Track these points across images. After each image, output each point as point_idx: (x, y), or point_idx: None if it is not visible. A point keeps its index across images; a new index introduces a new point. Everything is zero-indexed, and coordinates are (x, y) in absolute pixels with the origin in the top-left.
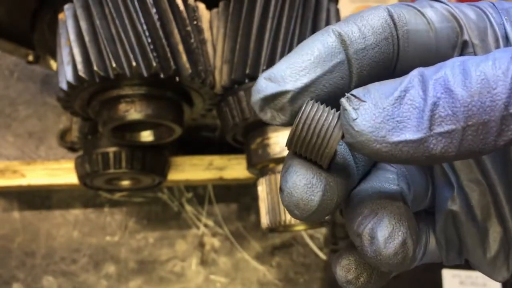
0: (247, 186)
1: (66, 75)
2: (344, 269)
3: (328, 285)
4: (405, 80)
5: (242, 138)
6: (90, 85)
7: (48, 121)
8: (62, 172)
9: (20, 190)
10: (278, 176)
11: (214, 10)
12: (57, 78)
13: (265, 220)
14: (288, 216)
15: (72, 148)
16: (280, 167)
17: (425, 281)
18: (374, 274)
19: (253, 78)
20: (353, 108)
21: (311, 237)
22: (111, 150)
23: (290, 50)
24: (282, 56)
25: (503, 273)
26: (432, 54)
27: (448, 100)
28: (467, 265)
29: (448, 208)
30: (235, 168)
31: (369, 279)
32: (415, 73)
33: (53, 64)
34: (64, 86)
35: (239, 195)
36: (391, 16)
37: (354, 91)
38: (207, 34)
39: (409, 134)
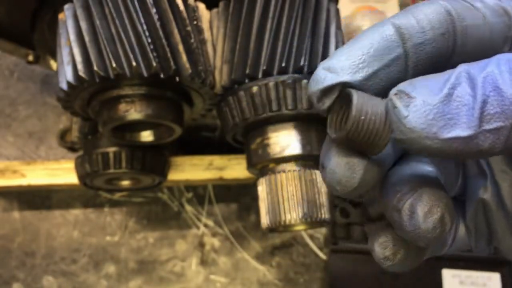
0: (247, 186)
1: (66, 75)
2: (382, 246)
3: (328, 285)
4: (452, 77)
5: (242, 138)
6: (90, 85)
7: (48, 121)
8: (62, 172)
9: (20, 190)
10: (278, 176)
11: (214, 10)
12: (57, 78)
13: (265, 220)
14: (288, 216)
15: (72, 148)
16: (280, 167)
17: (425, 280)
18: (411, 252)
19: (253, 78)
20: (404, 105)
21: (311, 237)
22: (111, 150)
23: (290, 50)
24: (282, 56)
25: None
26: (487, 49)
27: (497, 98)
28: (466, 265)
29: (480, 197)
30: (235, 168)
31: (405, 256)
32: (460, 69)
33: (53, 64)
34: (64, 86)
35: (239, 195)
36: (449, 12)
37: (401, 87)
38: (207, 34)
39: (460, 131)
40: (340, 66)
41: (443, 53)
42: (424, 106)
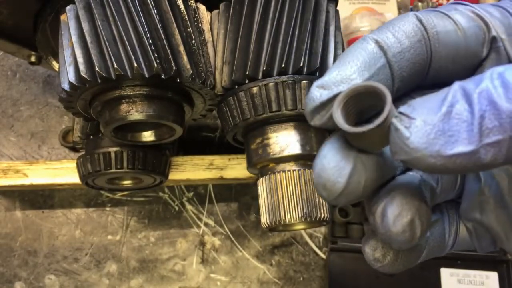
0: (247, 186)
1: (68, 76)
2: (372, 248)
3: (327, 284)
4: (448, 95)
5: (242, 138)
6: (92, 85)
7: (51, 121)
8: (64, 172)
9: (23, 190)
10: (278, 175)
11: (215, 12)
12: (59, 79)
13: (265, 219)
14: (288, 216)
15: (74, 148)
16: (279, 166)
17: (423, 280)
18: (401, 254)
19: (253, 79)
20: (405, 127)
21: (311, 236)
22: (113, 150)
23: (289, 51)
24: (281, 57)
25: None
26: (462, 52)
27: (494, 112)
28: (464, 264)
29: (477, 198)
30: (235, 168)
31: (395, 258)
32: (456, 87)
33: (55, 65)
34: (66, 86)
35: (239, 195)
36: (420, 21)
37: (401, 109)
38: (207, 36)
39: (462, 147)
40: (333, 81)
41: (424, 58)
42: (425, 126)
